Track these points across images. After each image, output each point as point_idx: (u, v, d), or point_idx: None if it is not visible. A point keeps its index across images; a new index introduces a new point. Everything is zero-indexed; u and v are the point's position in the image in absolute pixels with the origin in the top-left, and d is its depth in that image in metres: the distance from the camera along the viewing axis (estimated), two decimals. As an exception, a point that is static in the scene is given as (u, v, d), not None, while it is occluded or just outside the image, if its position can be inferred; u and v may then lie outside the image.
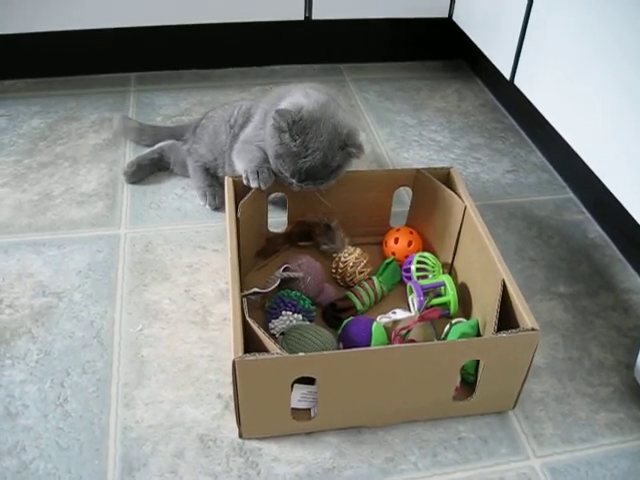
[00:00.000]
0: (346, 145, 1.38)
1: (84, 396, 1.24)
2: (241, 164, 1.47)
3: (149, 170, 1.76)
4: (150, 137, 1.84)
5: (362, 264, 1.43)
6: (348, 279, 1.43)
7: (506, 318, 1.18)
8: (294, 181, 1.39)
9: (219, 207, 1.65)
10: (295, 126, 1.35)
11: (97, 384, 1.26)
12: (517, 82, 1.78)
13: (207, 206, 1.66)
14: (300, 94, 1.44)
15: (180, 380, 1.28)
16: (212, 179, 1.69)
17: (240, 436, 1.18)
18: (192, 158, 1.70)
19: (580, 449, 1.21)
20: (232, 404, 1.19)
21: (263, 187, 1.39)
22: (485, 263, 1.29)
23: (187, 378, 1.28)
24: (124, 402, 1.23)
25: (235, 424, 1.17)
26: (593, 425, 1.25)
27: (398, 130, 2.02)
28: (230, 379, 1.09)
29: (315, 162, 1.36)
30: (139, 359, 1.31)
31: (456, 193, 1.41)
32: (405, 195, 1.68)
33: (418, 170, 1.48)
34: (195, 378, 1.28)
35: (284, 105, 1.41)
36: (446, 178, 1.46)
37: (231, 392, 1.16)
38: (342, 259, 1.44)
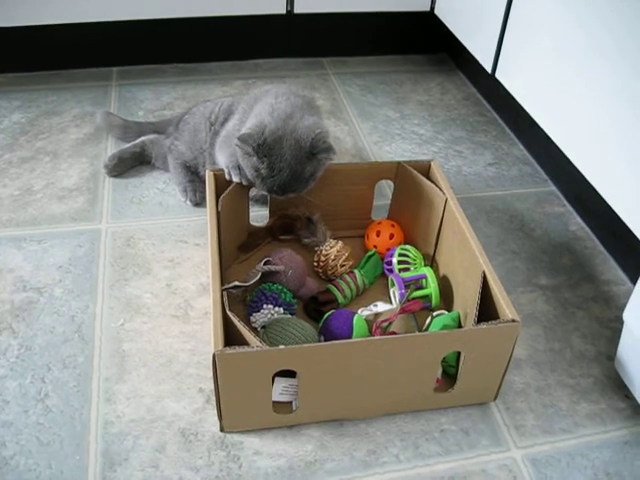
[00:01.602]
0: (313, 154, 1.37)
1: (65, 391, 1.23)
2: (223, 158, 1.46)
3: (130, 164, 1.75)
4: (135, 133, 1.83)
5: (344, 257, 1.43)
6: (330, 272, 1.43)
7: (487, 310, 1.18)
8: (275, 196, 1.40)
9: (200, 203, 1.65)
10: (260, 149, 1.34)
11: (78, 379, 1.25)
12: (498, 75, 1.78)
13: (188, 202, 1.66)
14: (266, 108, 1.43)
15: (161, 374, 1.27)
16: (193, 175, 1.69)
17: (221, 430, 1.18)
18: (172, 155, 1.70)
19: (561, 440, 1.22)
20: (213, 398, 1.19)
21: (245, 182, 1.39)
22: (466, 256, 1.30)
23: (168, 372, 1.28)
24: (105, 397, 1.23)
25: (216, 418, 1.17)
26: (574, 416, 1.25)
27: (381, 123, 2.02)
28: (211, 373, 1.09)
29: (285, 179, 1.36)
30: (120, 354, 1.30)
31: (437, 186, 1.41)
32: (387, 188, 1.68)
33: (399, 163, 1.48)
34: (176, 372, 1.28)
35: (248, 125, 1.41)
36: (427, 171, 1.47)
37: (212, 386, 1.15)
38: (324, 252, 1.44)
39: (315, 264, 1.46)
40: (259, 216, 1.57)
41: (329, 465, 1.15)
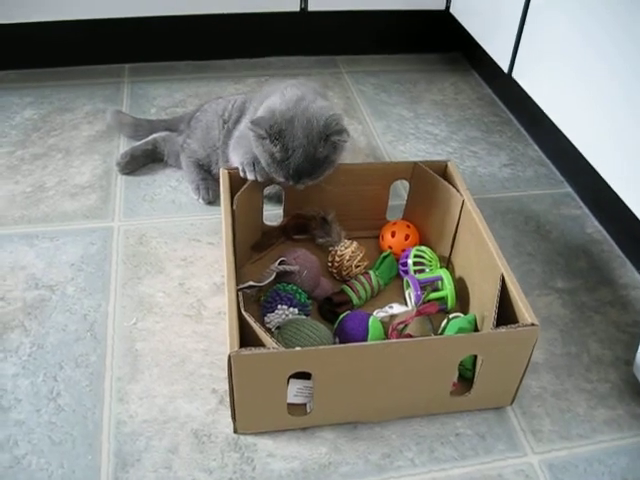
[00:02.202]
0: (327, 135, 1.35)
1: (77, 390, 1.22)
2: (237, 157, 1.45)
3: (142, 161, 1.74)
4: (146, 131, 1.82)
5: (358, 258, 1.42)
6: (344, 273, 1.42)
7: (505, 313, 1.17)
8: (292, 183, 1.38)
9: (212, 201, 1.64)
10: (272, 131, 1.34)
11: (90, 378, 1.24)
12: (515, 75, 1.76)
13: (200, 200, 1.65)
14: (277, 95, 1.43)
15: (174, 374, 1.26)
16: (205, 173, 1.68)
17: (235, 431, 1.17)
18: (185, 153, 1.69)
19: (578, 445, 1.20)
20: (227, 399, 1.18)
21: (259, 179, 1.38)
22: (483, 258, 1.28)
23: (181, 372, 1.27)
24: (118, 396, 1.22)
25: (230, 419, 1.16)
26: (591, 421, 1.24)
27: (394, 123, 2.00)
28: (225, 374, 1.08)
29: (299, 160, 1.34)
30: (133, 353, 1.29)
31: (454, 186, 1.40)
32: (402, 188, 1.67)
33: (415, 163, 1.46)
34: (189, 372, 1.27)
35: (260, 112, 1.41)
36: (444, 171, 1.45)
37: (226, 387, 1.14)
38: (338, 252, 1.42)
39: (329, 264, 1.45)
40: (273, 215, 1.56)
41: (343, 468, 1.14)
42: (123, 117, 1.86)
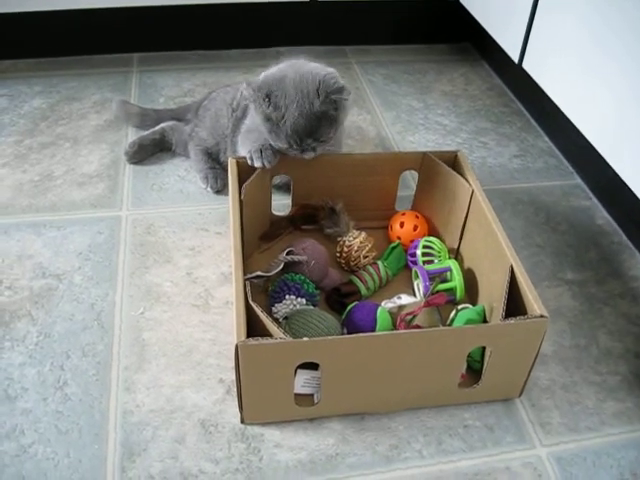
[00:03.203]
0: (326, 93, 1.34)
1: (84, 379, 1.22)
2: (245, 148, 1.45)
3: (151, 150, 1.74)
4: (152, 121, 1.81)
5: (367, 248, 1.41)
6: (352, 263, 1.41)
7: (513, 304, 1.16)
8: (296, 148, 1.37)
9: (221, 190, 1.63)
10: (261, 92, 1.34)
11: (97, 367, 1.24)
12: (526, 65, 1.75)
13: (208, 189, 1.64)
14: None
15: (181, 364, 1.26)
16: (214, 162, 1.67)
17: (242, 421, 1.17)
18: (193, 142, 1.68)
19: (587, 438, 1.19)
20: (234, 389, 1.18)
21: (267, 165, 1.37)
22: (492, 249, 1.27)
23: (188, 362, 1.26)
24: (125, 386, 1.21)
25: (237, 409, 1.16)
26: (600, 414, 1.23)
27: (404, 113, 1.99)
28: (232, 364, 1.08)
29: (295, 117, 1.34)
30: (140, 342, 1.29)
31: (463, 177, 1.39)
32: (410, 179, 1.66)
33: (425, 153, 1.45)
34: (196, 362, 1.26)
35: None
36: (453, 162, 1.44)
37: (233, 377, 1.14)
38: (347, 243, 1.42)
39: (337, 255, 1.44)
40: (281, 205, 1.55)
41: (351, 459, 1.13)
42: (129, 107, 1.86)
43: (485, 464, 1.14)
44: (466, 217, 1.39)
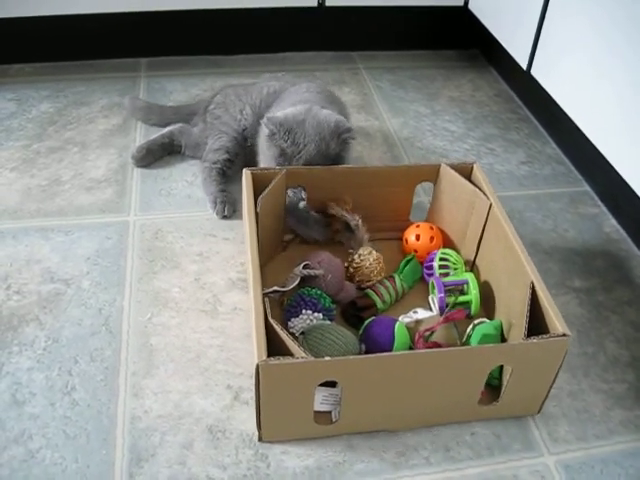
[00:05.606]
0: (338, 134, 1.46)
1: (92, 385, 1.22)
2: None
3: (159, 155, 1.74)
4: (157, 116, 1.86)
5: (375, 271, 1.39)
6: (357, 279, 1.39)
7: (534, 321, 1.14)
8: None
9: (228, 217, 1.59)
10: (282, 128, 1.45)
11: (105, 372, 1.24)
12: (534, 72, 1.75)
13: (215, 214, 1.59)
14: (288, 105, 1.56)
15: (189, 370, 1.26)
16: (224, 184, 1.64)
17: (260, 439, 1.15)
18: (205, 164, 1.66)
19: (595, 446, 1.19)
20: (242, 395, 1.19)
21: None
22: (511, 263, 1.26)
23: (196, 368, 1.26)
24: (132, 391, 1.22)
25: (245, 415, 1.16)
26: (608, 422, 1.23)
27: (411, 119, 1.99)
28: (240, 370, 1.08)
29: (310, 155, 1.45)
30: (148, 348, 1.29)
31: (480, 189, 1.38)
32: (421, 190, 1.65)
33: (441, 165, 1.44)
34: (204, 368, 1.26)
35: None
36: (469, 174, 1.43)
37: (241, 383, 1.15)
38: (356, 260, 1.39)
39: (345, 266, 1.41)
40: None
41: (358, 466, 1.13)
42: (137, 102, 1.91)
43: (493, 472, 1.14)
44: (483, 230, 1.38)
